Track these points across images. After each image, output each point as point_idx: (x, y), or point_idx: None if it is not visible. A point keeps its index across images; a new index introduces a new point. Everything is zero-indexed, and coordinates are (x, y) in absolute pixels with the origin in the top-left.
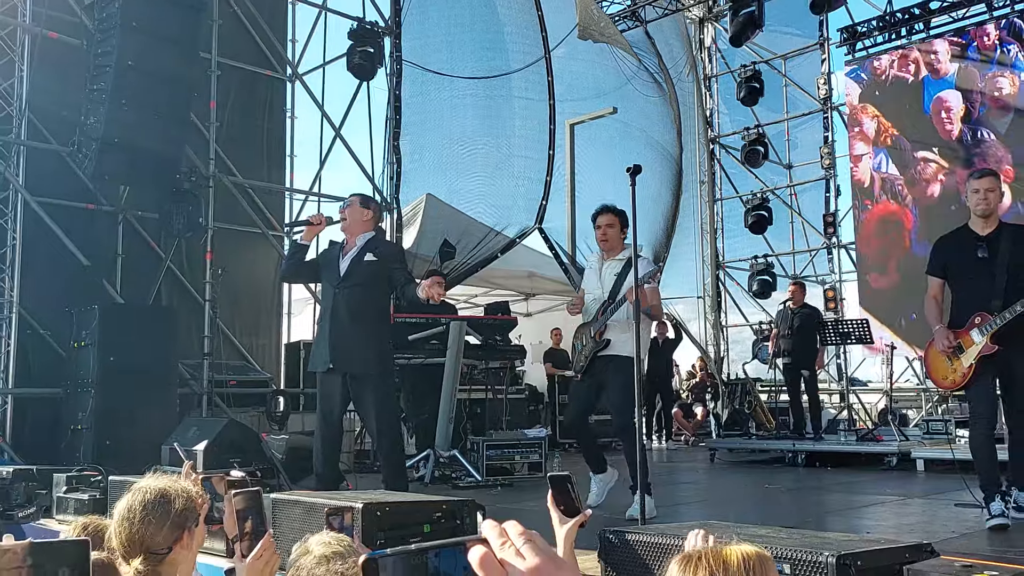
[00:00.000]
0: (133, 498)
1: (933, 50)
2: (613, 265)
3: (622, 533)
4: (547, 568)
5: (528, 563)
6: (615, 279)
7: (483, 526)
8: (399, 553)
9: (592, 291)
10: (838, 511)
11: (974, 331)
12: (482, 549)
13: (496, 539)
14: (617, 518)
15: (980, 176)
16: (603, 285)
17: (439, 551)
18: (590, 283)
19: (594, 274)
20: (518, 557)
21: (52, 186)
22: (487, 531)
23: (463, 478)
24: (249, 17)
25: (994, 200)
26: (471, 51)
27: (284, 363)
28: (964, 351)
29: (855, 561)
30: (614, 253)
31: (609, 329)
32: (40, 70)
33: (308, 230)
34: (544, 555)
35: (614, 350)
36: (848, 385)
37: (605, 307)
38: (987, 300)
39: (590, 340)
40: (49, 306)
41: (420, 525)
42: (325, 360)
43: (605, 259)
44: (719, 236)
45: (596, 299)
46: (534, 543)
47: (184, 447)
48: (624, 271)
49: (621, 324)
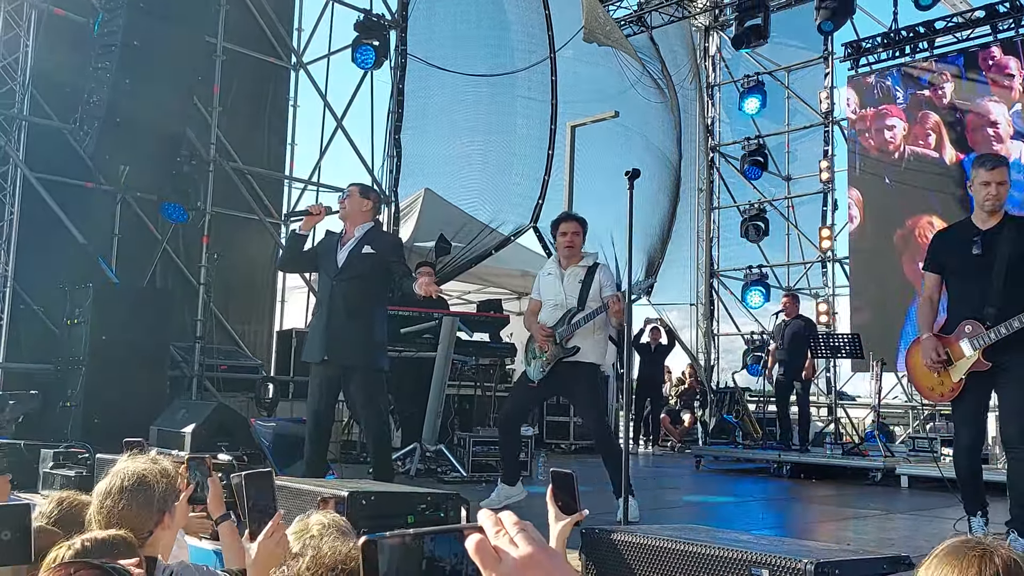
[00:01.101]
0: (111, 482)
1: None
2: (576, 272)
3: (605, 532)
4: (539, 557)
5: (521, 551)
6: (580, 286)
7: (479, 515)
8: (397, 536)
9: (553, 298)
10: (821, 522)
11: (964, 342)
12: (478, 536)
13: (491, 527)
14: (604, 520)
15: (992, 167)
16: (566, 292)
17: (435, 536)
18: (550, 290)
19: (554, 281)
20: (511, 545)
21: (52, 163)
22: (483, 520)
23: (448, 473)
24: (256, 4)
25: (1004, 194)
26: (476, 48)
27: (275, 350)
28: (953, 364)
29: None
30: (575, 260)
31: (576, 336)
32: (45, 46)
33: (307, 220)
34: (537, 545)
35: (582, 356)
36: (836, 399)
37: (573, 314)
38: (980, 305)
39: (554, 346)
40: (43, 282)
41: (404, 515)
42: (320, 351)
43: (565, 266)
44: (715, 244)
45: (558, 305)
46: (527, 533)
47: (173, 428)
48: (588, 278)
49: (587, 330)
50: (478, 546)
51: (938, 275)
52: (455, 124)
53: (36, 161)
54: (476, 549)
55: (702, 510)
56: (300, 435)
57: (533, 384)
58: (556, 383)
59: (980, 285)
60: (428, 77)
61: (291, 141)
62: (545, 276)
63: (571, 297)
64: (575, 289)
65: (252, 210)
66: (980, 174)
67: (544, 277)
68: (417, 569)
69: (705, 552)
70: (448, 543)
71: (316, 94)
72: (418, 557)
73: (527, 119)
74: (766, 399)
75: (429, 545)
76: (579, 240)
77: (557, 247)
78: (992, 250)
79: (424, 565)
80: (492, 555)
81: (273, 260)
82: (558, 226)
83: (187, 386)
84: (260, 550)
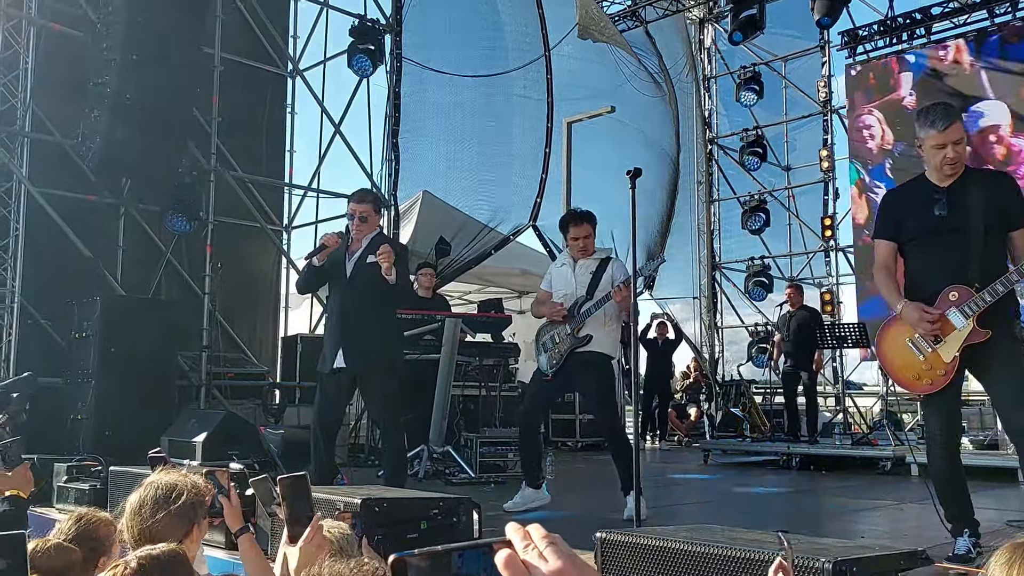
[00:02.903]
0: (144, 493)
1: None
2: (588, 264)
3: (619, 535)
4: (569, 571)
5: (551, 566)
6: (590, 277)
7: (507, 528)
8: (426, 554)
9: (564, 289)
10: (832, 515)
11: (952, 313)
12: (507, 551)
13: (520, 541)
14: (613, 518)
15: (945, 125)
16: (577, 283)
17: (464, 552)
18: (560, 282)
19: (566, 271)
20: (541, 559)
21: (55, 177)
22: (511, 533)
23: (456, 474)
24: (252, 13)
25: (963, 153)
26: (471, 49)
27: (280, 357)
28: (942, 341)
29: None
30: (588, 255)
31: (587, 325)
32: (44, 63)
33: (322, 254)
34: (567, 558)
35: (594, 347)
36: (844, 389)
37: (582, 303)
38: (957, 270)
39: (566, 336)
40: (50, 296)
41: (417, 521)
42: (335, 360)
43: (577, 259)
44: (716, 237)
45: (567, 296)
46: (557, 546)
47: (184, 438)
48: (599, 270)
49: (598, 320)
50: (508, 561)
51: (893, 243)
52: (452, 126)
53: (39, 176)
54: (506, 564)
55: (712, 506)
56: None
57: (547, 377)
58: (569, 375)
59: (951, 247)
60: (424, 80)
61: (290, 148)
62: (558, 268)
63: (581, 287)
64: (585, 280)
65: (254, 218)
66: (932, 136)
67: (556, 269)
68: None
69: (722, 553)
70: (477, 558)
71: (313, 101)
72: (447, 573)
73: (523, 118)
74: (773, 391)
75: (458, 561)
76: (591, 242)
77: (569, 249)
78: (961, 209)
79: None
80: (522, 570)
81: (275, 267)
82: (568, 229)
83: (195, 395)
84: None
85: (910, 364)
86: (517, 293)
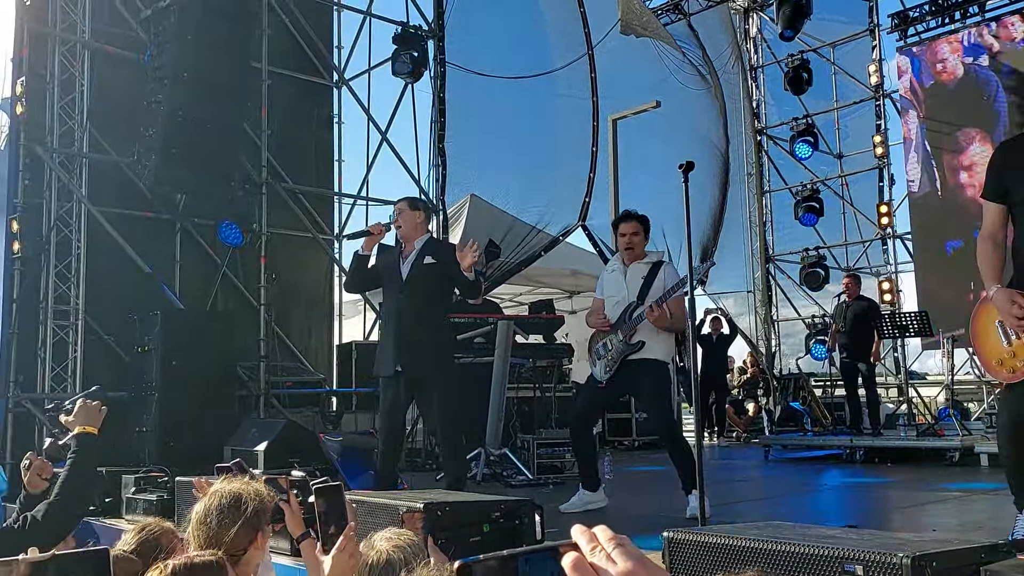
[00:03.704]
0: (209, 502)
1: None
2: (639, 268)
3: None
4: (639, 572)
5: (620, 568)
6: (642, 282)
7: (573, 531)
8: (491, 559)
9: (615, 294)
10: (900, 508)
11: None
12: (575, 554)
13: (586, 544)
14: (676, 517)
15: None
16: (628, 288)
17: (529, 556)
18: (611, 287)
19: (617, 277)
20: (610, 562)
21: (113, 196)
22: (577, 536)
23: (514, 476)
24: (297, 26)
25: None
26: (514, 50)
27: (336, 364)
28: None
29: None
30: (638, 258)
31: (640, 331)
32: (99, 84)
33: (368, 240)
34: (636, 559)
35: (647, 352)
36: (907, 379)
37: (633, 309)
38: None
39: (619, 343)
40: (112, 313)
41: (480, 525)
42: (393, 364)
43: (627, 263)
44: (768, 229)
45: (619, 302)
46: (625, 548)
47: (246, 448)
48: (651, 274)
49: (651, 326)
50: (576, 564)
51: (1002, 205)
52: (497, 128)
53: (98, 196)
54: (573, 567)
55: (776, 502)
56: (367, 447)
57: (601, 385)
58: (623, 382)
59: None
60: (468, 84)
61: (338, 158)
62: (608, 273)
63: (632, 293)
64: (637, 285)
65: (305, 228)
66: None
67: (607, 274)
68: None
69: (794, 551)
70: (543, 562)
71: (360, 110)
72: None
73: (568, 118)
74: (833, 383)
75: (524, 566)
76: (638, 240)
77: (618, 247)
78: None
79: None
80: (590, 573)
81: (328, 276)
82: (617, 227)
83: (254, 404)
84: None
85: (995, 348)
86: (568, 293)
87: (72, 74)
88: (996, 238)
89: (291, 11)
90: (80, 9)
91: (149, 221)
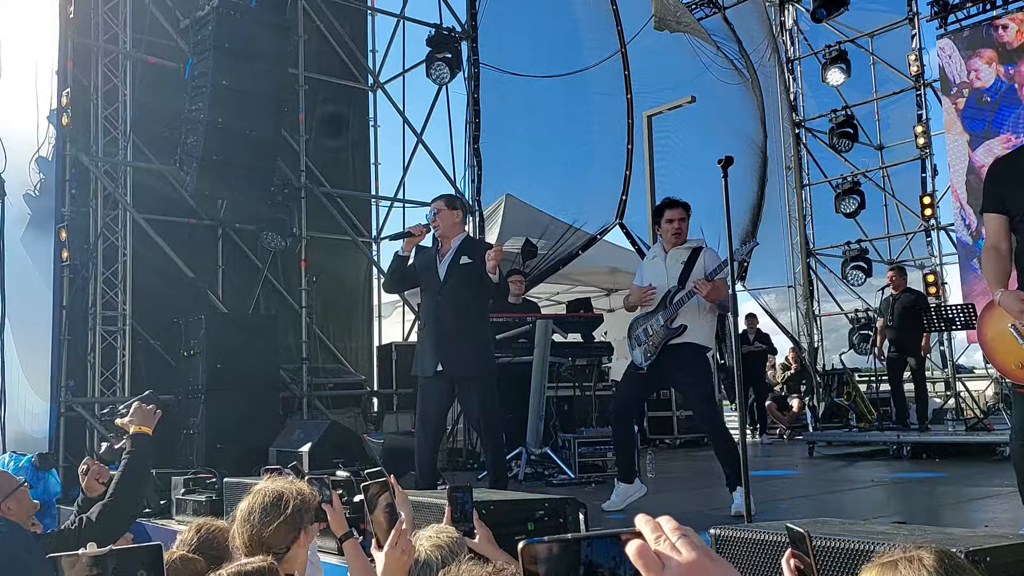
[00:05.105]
0: (252, 500)
1: None
2: (679, 253)
3: (734, 530)
4: (703, 563)
5: (684, 558)
6: (682, 267)
7: (637, 520)
8: (555, 541)
9: (656, 280)
10: (949, 504)
11: None
12: (639, 542)
13: (651, 533)
14: (720, 514)
15: None
16: (668, 273)
17: (592, 541)
18: (652, 273)
19: (658, 263)
20: (674, 551)
21: (156, 203)
22: (641, 525)
23: (556, 475)
24: (332, 31)
25: None
26: (547, 50)
27: (377, 365)
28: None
29: (984, 557)
30: (680, 244)
31: (681, 315)
32: (141, 94)
33: (408, 241)
34: (701, 550)
35: (689, 337)
36: (954, 373)
37: (674, 294)
38: None
39: (660, 328)
40: (157, 318)
41: (524, 523)
42: (433, 364)
43: (668, 249)
44: (808, 223)
45: (660, 288)
46: (689, 538)
47: (291, 449)
48: (691, 259)
49: (693, 310)
50: (640, 550)
51: (1004, 216)
52: (532, 127)
53: (142, 203)
54: (638, 554)
55: (822, 498)
56: (408, 447)
57: (642, 371)
58: (664, 367)
59: None
60: (502, 84)
61: (375, 161)
62: (650, 260)
63: (673, 278)
64: (677, 270)
65: (344, 231)
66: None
67: (648, 261)
68: (576, 573)
69: (843, 547)
70: (605, 547)
71: (395, 112)
72: (576, 562)
73: (603, 115)
74: (878, 378)
75: (586, 550)
76: (686, 225)
77: (663, 233)
78: None
79: (582, 570)
80: (655, 561)
81: (367, 278)
82: (663, 212)
83: (297, 406)
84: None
85: (1013, 352)
86: (606, 291)
87: (115, 84)
88: (1000, 248)
89: (326, 16)
90: (121, 21)
91: (191, 227)
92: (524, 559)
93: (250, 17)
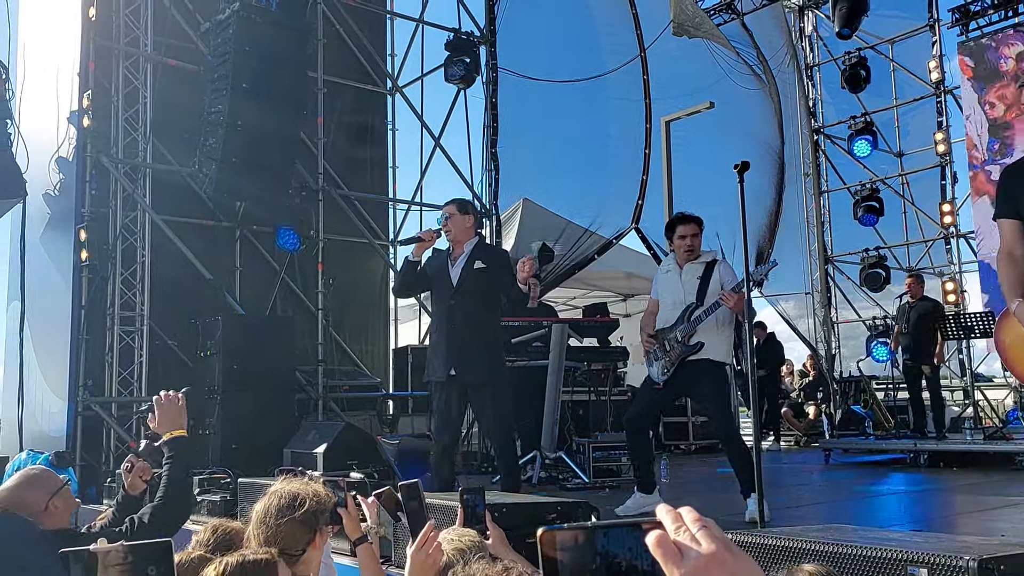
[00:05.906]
0: (269, 502)
1: None
2: (694, 268)
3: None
4: (722, 555)
5: (704, 549)
6: (698, 282)
7: (658, 510)
8: (573, 528)
9: (671, 295)
10: (967, 513)
11: None
12: (659, 532)
13: (671, 523)
14: (734, 521)
15: None
16: (684, 289)
17: (609, 530)
18: (667, 287)
19: (673, 277)
20: (694, 542)
21: (175, 205)
22: (661, 515)
23: (570, 479)
24: (351, 35)
25: None
26: (565, 55)
27: (392, 368)
28: None
29: (998, 565)
30: (694, 259)
31: (699, 332)
32: (161, 96)
33: (418, 246)
34: (721, 542)
35: (705, 354)
36: (972, 381)
37: (692, 310)
38: None
39: (678, 344)
40: (175, 318)
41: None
42: (446, 369)
43: (682, 264)
44: (826, 229)
45: (677, 303)
46: (709, 530)
47: (305, 450)
48: (707, 274)
49: (710, 327)
50: (660, 540)
51: (1018, 221)
52: (549, 132)
53: (161, 205)
54: (658, 543)
55: (837, 506)
56: (423, 450)
57: (659, 386)
58: (681, 383)
59: None
60: (520, 88)
61: (392, 164)
62: (663, 274)
63: (690, 294)
64: (694, 285)
65: (361, 234)
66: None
67: (662, 275)
68: (592, 561)
69: (857, 553)
70: (624, 537)
71: (413, 116)
72: (594, 550)
73: (621, 120)
74: (895, 386)
75: (603, 539)
76: (698, 242)
77: (675, 249)
78: None
79: (599, 559)
80: (674, 551)
81: (384, 281)
82: (675, 228)
83: (312, 408)
84: (413, 561)
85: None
86: (622, 296)
87: (135, 86)
88: (1015, 253)
89: (345, 20)
90: (143, 23)
91: (209, 229)
92: (544, 545)
93: (270, 20)
